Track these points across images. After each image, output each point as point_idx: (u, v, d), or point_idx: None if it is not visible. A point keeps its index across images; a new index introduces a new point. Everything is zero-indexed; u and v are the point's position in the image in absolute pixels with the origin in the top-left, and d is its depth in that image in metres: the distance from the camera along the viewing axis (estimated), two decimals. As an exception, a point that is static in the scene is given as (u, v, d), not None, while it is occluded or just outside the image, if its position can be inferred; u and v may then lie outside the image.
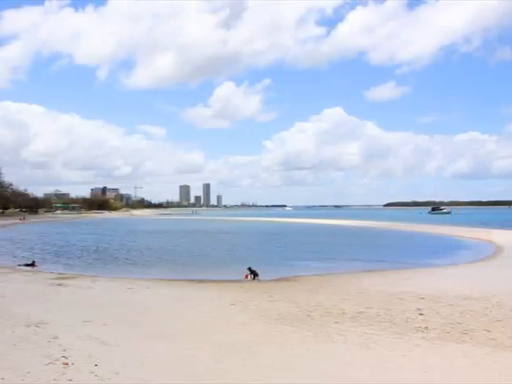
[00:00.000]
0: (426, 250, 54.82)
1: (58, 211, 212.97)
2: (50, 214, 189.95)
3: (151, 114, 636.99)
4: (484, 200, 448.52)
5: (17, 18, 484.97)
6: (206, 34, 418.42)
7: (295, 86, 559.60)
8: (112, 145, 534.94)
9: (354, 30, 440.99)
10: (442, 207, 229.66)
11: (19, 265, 36.47)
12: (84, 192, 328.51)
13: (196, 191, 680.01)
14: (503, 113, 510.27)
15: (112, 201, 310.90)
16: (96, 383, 9.28)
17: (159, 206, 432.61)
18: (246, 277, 30.37)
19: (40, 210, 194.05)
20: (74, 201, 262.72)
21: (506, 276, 31.18)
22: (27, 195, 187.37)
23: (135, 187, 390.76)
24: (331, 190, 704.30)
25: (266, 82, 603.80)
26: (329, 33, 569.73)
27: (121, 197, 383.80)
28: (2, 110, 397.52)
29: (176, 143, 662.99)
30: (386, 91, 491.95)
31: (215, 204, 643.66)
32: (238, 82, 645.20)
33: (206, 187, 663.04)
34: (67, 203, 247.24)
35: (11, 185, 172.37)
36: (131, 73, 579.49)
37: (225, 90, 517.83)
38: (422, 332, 15.08)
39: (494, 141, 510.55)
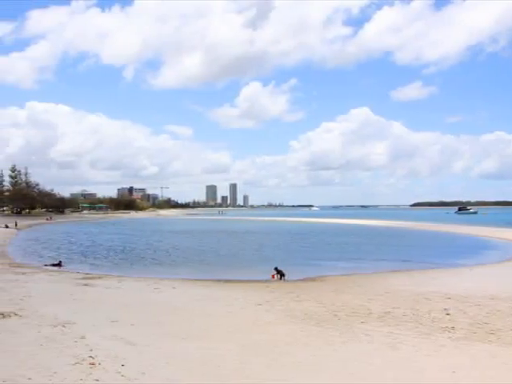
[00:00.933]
0: (453, 249, 54.59)
1: (85, 211, 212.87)
2: (76, 214, 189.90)
3: (178, 114, 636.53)
4: (511, 200, 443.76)
5: (43, 18, 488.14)
6: (233, 34, 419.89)
7: (322, 86, 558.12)
8: (139, 145, 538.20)
9: (380, 30, 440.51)
10: (468, 207, 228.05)
11: (46, 265, 36.60)
12: (111, 192, 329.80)
13: (223, 191, 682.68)
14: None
15: (139, 201, 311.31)
16: (123, 383, 9.32)
17: (186, 205, 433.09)
18: (273, 277, 30.42)
19: (66, 210, 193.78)
20: (101, 201, 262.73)
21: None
22: (54, 195, 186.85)
23: (162, 187, 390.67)
24: (358, 190, 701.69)
25: (293, 81, 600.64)
26: (355, 33, 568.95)
27: (147, 197, 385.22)
28: (29, 110, 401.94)
29: (203, 143, 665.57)
30: (412, 91, 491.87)
31: (242, 204, 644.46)
32: (265, 81, 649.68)
33: (233, 187, 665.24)
34: (94, 203, 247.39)
35: (38, 185, 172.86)
36: (158, 73, 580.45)
37: (251, 90, 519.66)
38: (449, 332, 15.05)
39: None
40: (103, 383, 9.12)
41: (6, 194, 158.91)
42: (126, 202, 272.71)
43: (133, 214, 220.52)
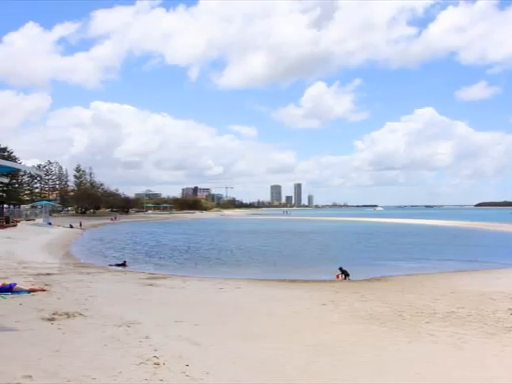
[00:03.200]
0: (518, 249, 53.61)
1: (149, 211, 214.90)
2: (141, 214, 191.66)
3: (242, 114, 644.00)
4: None
5: (108, 18, 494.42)
6: (298, 33, 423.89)
7: (386, 85, 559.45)
8: (203, 145, 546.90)
9: (445, 30, 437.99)
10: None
11: (110, 265, 37.06)
12: (175, 192, 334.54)
13: (287, 191, 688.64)
14: None
15: (203, 201, 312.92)
16: (187, 383, 9.39)
17: (250, 205, 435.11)
18: (338, 277, 30.55)
19: (131, 210, 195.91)
20: (165, 201, 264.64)
21: None
22: (118, 195, 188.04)
23: (226, 187, 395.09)
24: (422, 190, 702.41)
25: (357, 81, 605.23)
26: (420, 33, 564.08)
27: (212, 197, 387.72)
28: (94, 109, 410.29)
29: (267, 143, 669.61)
30: (477, 91, 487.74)
31: (306, 204, 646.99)
32: (329, 82, 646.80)
33: (298, 187, 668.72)
34: (158, 203, 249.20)
35: (102, 185, 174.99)
36: (222, 73, 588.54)
37: (316, 90, 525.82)
38: (514, 332, 14.88)
39: None
40: (168, 383, 9.21)
41: (71, 193, 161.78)
42: (190, 201, 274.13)
43: (197, 214, 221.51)
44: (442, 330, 15.02)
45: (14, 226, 67.22)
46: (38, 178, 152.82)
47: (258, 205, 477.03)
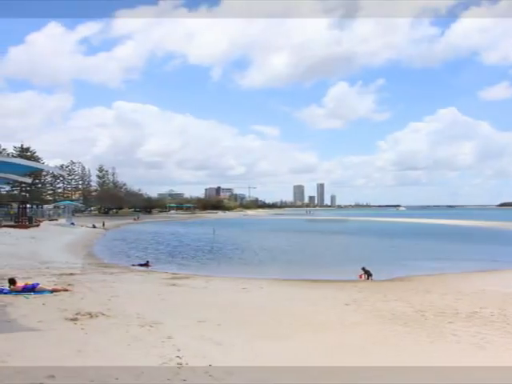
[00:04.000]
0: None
1: (172, 211, 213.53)
2: (163, 214, 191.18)
3: (265, 114, 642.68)
4: None
5: (131, 18, 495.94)
6: (320, 34, 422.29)
7: (409, 85, 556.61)
8: (225, 145, 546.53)
9: (467, 30, 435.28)
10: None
11: (133, 265, 37.08)
12: (198, 192, 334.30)
13: (310, 191, 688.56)
14: None
15: (226, 201, 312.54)
16: (210, 383, 9.40)
17: (273, 206, 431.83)
18: (361, 277, 30.50)
19: (154, 210, 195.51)
20: (188, 201, 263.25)
21: None
22: (141, 195, 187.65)
23: (249, 187, 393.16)
24: (445, 190, 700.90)
25: (380, 81, 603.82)
26: (443, 33, 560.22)
27: (235, 197, 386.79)
28: (116, 109, 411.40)
29: (290, 143, 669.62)
30: (499, 91, 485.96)
31: (329, 204, 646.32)
32: (352, 81, 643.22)
33: (320, 187, 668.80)
34: (181, 203, 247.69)
35: (125, 185, 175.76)
36: (245, 73, 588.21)
37: (338, 90, 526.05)
38: (537, 332, 14.80)
39: None
40: (191, 383, 9.24)
41: (94, 193, 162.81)
42: (213, 202, 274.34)
43: (220, 214, 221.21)
44: (464, 330, 14.99)
45: (37, 226, 67.43)
46: (61, 178, 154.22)
47: (281, 205, 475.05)
